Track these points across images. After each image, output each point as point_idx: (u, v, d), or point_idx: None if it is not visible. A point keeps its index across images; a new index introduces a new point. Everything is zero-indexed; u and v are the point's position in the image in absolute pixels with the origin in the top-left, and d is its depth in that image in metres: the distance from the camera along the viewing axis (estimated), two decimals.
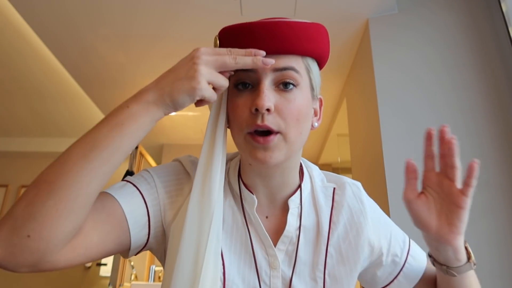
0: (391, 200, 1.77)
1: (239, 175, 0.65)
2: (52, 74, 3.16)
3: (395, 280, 0.69)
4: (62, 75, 3.09)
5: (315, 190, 0.66)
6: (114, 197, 0.56)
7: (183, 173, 0.63)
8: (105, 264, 3.98)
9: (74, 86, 3.15)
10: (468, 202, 0.60)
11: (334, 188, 0.68)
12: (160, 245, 0.61)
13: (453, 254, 0.62)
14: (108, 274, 3.30)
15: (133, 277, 3.38)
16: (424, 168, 0.64)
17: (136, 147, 3.06)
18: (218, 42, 0.59)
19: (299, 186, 0.65)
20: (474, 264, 0.65)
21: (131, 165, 3.01)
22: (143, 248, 0.60)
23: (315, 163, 4.49)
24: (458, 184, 0.60)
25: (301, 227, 0.61)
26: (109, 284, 2.69)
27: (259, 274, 0.58)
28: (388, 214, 1.75)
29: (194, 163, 0.64)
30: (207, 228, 0.53)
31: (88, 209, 0.50)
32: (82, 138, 0.52)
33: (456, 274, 0.62)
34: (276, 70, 0.56)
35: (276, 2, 2.07)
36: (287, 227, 0.61)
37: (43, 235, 0.45)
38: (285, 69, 0.56)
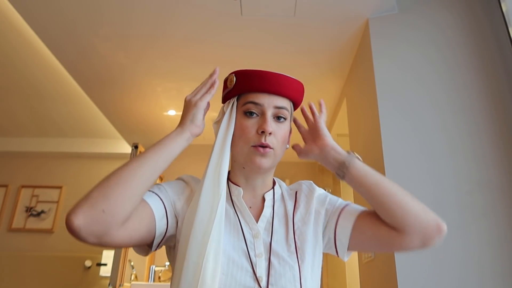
0: None
1: (228, 179, 0.91)
2: (52, 74, 3.16)
3: (337, 225, 0.88)
4: (62, 75, 3.08)
5: (284, 194, 0.94)
6: (146, 200, 0.78)
7: (183, 182, 0.90)
8: (105, 264, 3.97)
9: (74, 86, 3.15)
10: (318, 120, 0.90)
11: (296, 192, 0.95)
12: (174, 230, 0.82)
13: (334, 152, 0.86)
14: (108, 274, 3.30)
15: (133, 277, 3.38)
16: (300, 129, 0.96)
17: (136, 147, 3.06)
18: (235, 79, 0.87)
19: (272, 188, 0.93)
20: (358, 156, 0.86)
21: None
22: (163, 237, 0.81)
23: (315, 163, 4.49)
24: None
25: (274, 213, 0.88)
26: (109, 284, 2.69)
27: (246, 243, 0.81)
28: None
29: (192, 177, 0.91)
30: (217, 202, 0.78)
31: (140, 198, 0.73)
32: (140, 154, 0.78)
33: (347, 164, 0.83)
34: (276, 107, 0.85)
35: (276, 2, 2.07)
36: (264, 209, 0.88)
37: (113, 211, 0.67)
38: (281, 107, 0.85)
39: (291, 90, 0.86)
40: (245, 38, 2.42)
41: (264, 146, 0.82)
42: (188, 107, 0.85)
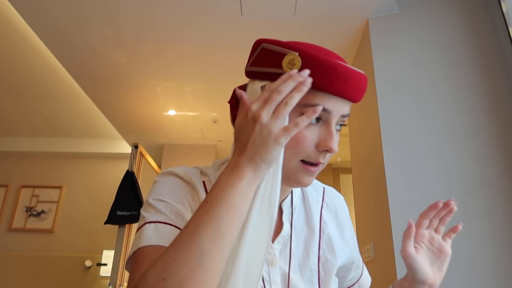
0: (391, 199, 1.77)
1: None
2: (52, 74, 3.16)
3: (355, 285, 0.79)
4: (62, 75, 3.09)
5: (304, 191, 0.74)
6: (163, 245, 0.56)
7: (183, 183, 0.66)
8: (105, 264, 3.98)
9: (74, 86, 3.15)
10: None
11: (324, 188, 0.77)
12: None
13: None
14: (108, 274, 3.30)
15: None
16: (418, 227, 0.73)
17: (136, 147, 3.06)
18: (300, 63, 0.58)
19: (291, 190, 0.72)
20: None
21: (131, 165, 3.01)
22: None
23: None
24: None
25: (292, 226, 0.68)
26: (109, 284, 2.69)
27: (263, 274, 0.62)
28: (388, 214, 1.75)
29: (187, 171, 0.68)
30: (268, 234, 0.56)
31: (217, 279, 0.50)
32: (203, 222, 0.50)
33: None
34: (343, 116, 0.62)
35: (276, 2, 2.07)
36: (284, 228, 0.67)
37: None
38: (347, 116, 0.63)
39: (363, 93, 0.64)
40: (245, 38, 2.42)
41: (317, 164, 0.61)
42: (261, 135, 0.52)
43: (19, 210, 4.35)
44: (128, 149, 3.90)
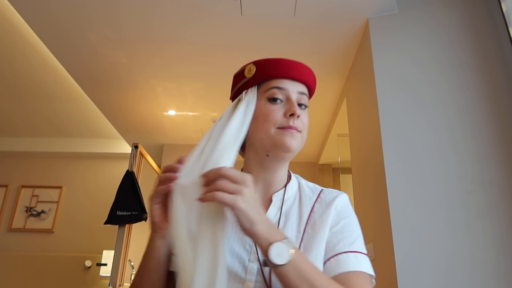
0: (391, 199, 1.77)
1: None
2: (52, 74, 3.16)
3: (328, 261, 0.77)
4: (62, 75, 3.09)
5: (302, 189, 0.87)
6: None
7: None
8: (105, 264, 3.97)
9: (74, 86, 3.15)
10: None
11: (322, 189, 0.87)
12: None
13: None
14: (108, 274, 3.30)
15: (133, 277, 3.38)
16: None
17: (136, 147, 3.06)
18: (255, 68, 0.84)
19: (285, 186, 0.86)
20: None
21: (131, 165, 3.01)
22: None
23: (315, 163, 4.50)
24: None
25: (281, 215, 0.82)
26: (109, 284, 2.69)
27: (245, 245, 0.77)
28: (388, 214, 1.75)
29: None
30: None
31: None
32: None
33: None
34: (299, 92, 0.82)
35: (276, 2, 2.07)
36: (269, 211, 0.82)
37: None
38: (304, 93, 0.83)
39: (310, 78, 0.86)
40: (245, 38, 2.42)
41: (293, 128, 0.78)
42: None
43: (19, 210, 4.35)
44: (128, 149, 3.90)
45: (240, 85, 0.86)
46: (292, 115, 0.78)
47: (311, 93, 0.88)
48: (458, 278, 1.60)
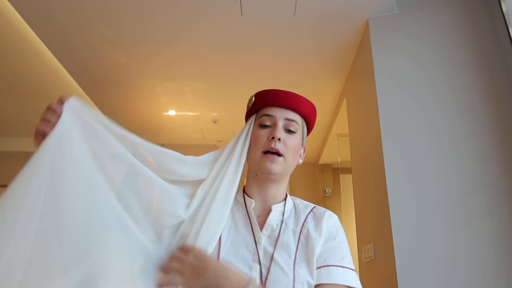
0: (391, 199, 1.77)
1: (244, 192, 0.98)
2: (52, 74, 3.16)
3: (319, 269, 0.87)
4: (62, 75, 3.08)
5: (296, 207, 0.97)
6: None
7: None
8: None
9: (74, 86, 3.15)
10: None
11: (315, 206, 0.97)
12: None
13: None
14: None
15: None
16: None
17: None
18: (253, 99, 0.96)
19: (284, 200, 0.96)
20: None
21: None
22: None
23: (315, 163, 4.50)
24: None
25: (282, 224, 0.92)
26: None
27: (250, 249, 0.86)
28: (388, 214, 1.75)
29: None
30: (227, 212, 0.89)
31: None
32: None
33: None
34: (287, 119, 0.92)
35: (276, 2, 2.07)
36: (268, 220, 0.92)
37: None
38: (292, 120, 0.93)
39: (302, 107, 0.94)
40: (245, 38, 2.42)
41: (273, 152, 0.88)
42: None
43: None
44: None
45: (246, 112, 1.00)
46: (273, 138, 0.89)
47: (308, 121, 0.98)
48: (458, 278, 1.60)
